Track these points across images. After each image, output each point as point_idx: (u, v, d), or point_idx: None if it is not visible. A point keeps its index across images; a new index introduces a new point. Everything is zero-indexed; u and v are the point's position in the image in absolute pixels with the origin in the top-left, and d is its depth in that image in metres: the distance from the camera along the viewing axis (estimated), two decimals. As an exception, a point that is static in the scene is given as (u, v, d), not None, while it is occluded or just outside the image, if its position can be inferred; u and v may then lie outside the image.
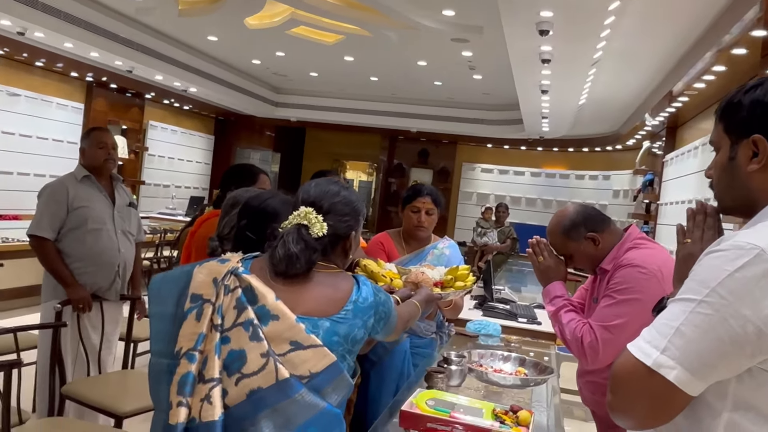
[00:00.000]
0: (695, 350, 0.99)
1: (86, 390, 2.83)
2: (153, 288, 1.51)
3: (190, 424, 1.33)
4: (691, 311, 1.01)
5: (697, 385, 1.00)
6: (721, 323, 0.97)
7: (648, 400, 1.03)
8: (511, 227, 8.77)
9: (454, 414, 1.73)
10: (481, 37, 6.13)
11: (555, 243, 2.25)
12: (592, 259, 2.19)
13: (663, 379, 1.00)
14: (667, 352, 1.01)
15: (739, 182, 1.14)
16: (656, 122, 7.06)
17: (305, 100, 11.34)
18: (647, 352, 1.03)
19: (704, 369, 0.99)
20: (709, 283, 1.00)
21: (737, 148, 1.13)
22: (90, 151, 3.30)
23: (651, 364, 1.01)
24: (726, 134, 1.16)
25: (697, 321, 0.99)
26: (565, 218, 2.21)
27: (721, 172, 1.18)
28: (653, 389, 1.02)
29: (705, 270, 1.02)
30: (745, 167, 1.12)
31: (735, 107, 1.14)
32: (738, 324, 0.96)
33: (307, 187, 1.59)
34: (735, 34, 3.77)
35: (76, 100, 8.34)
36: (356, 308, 1.47)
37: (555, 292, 2.22)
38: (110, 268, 3.25)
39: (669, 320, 1.03)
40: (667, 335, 1.02)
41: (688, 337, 1.00)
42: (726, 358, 0.98)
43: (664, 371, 1.00)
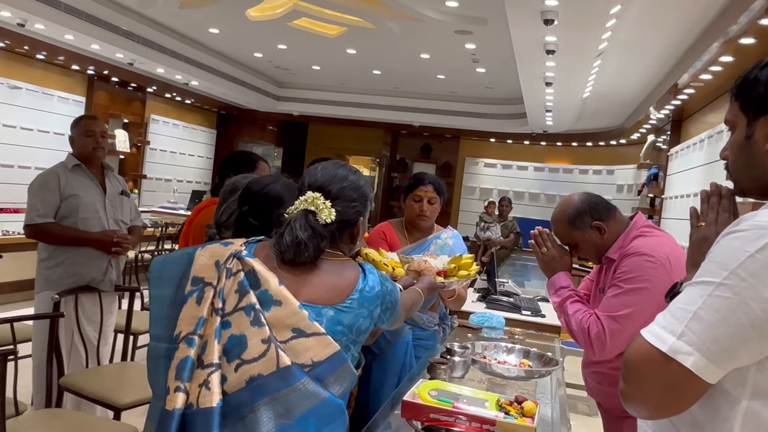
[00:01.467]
0: (714, 335, 0.94)
1: (84, 382, 2.80)
2: (153, 270, 1.47)
3: (188, 410, 1.29)
4: (709, 294, 0.96)
5: (716, 372, 0.96)
6: (741, 307, 0.93)
7: (663, 388, 0.99)
8: (514, 222, 8.72)
9: (458, 404, 1.69)
10: (485, 29, 6.08)
11: (560, 232, 2.20)
12: (598, 249, 2.15)
13: (680, 366, 0.96)
14: (684, 337, 0.96)
15: (756, 162, 1.09)
16: (661, 115, 7.00)
17: (308, 94, 11.29)
18: (663, 338, 0.98)
19: (723, 355, 0.95)
20: (729, 265, 0.95)
21: (755, 126, 1.08)
22: (79, 139, 3.28)
23: (667, 351, 0.97)
24: (742, 112, 1.11)
25: (716, 305, 0.95)
26: (570, 207, 2.16)
27: (737, 151, 1.13)
28: (669, 377, 0.97)
29: (724, 251, 0.98)
30: (763, 146, 1.07)
31: (752, 83, 1.09)
32: (760, 307, 0.92)
33: (314, 170, 1.54)
34: (743, 24, 3.72)
35: (77, 94, 8.32)
36: (362, 297, 1.43)
37: (560, 282, 2.18)
38: (102, 257, 3.22)
39: (686, 304, 0.99)
40: (684, 320, 0.97)
41: (707, 321, 0.95)
42: (747, 343, 0.93)
43: (680, 357, 0.96)
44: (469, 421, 1.64)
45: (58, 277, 3.16)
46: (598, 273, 2.25)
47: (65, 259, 3.16)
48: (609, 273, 2.11)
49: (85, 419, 2.57)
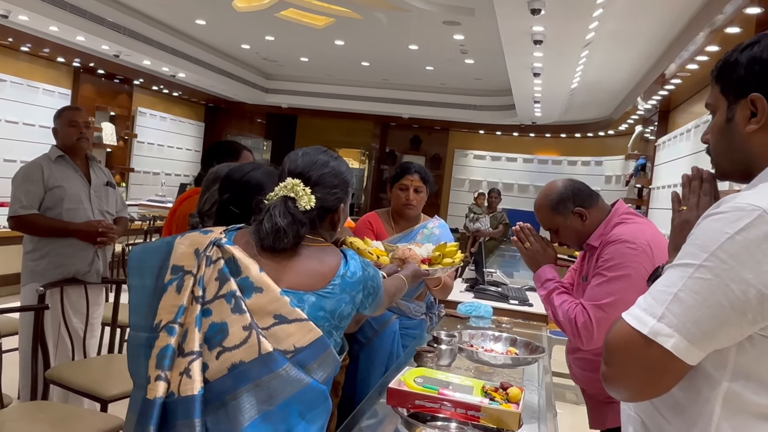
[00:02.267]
0: (694, 317, 0.95)
1: (70, 374, 2.78)
2: (132, 260, 1.46)
3: (169, 398, 1.28)
4: (689, 276, 0.96)
5: (696, 353, 0.96)
6: (721, 288, 0.93)
7: (644, 370, 0.99)
8: (503, 213, 8.75)
9: (443, 391, 1.69)
10: (473, 20, 6.07)
11: (542, 217, 2.21)
12: (579, 235, 2.15)
13: (660, 348, 0.96)
14: (664, 319, 0.96)
15: (737, 144, 1.09)
16: (648, 106, 7.03)
17: (296, 86, 11.25)
18: (643, 321, 0.98)
19: (704, 337, 0.95)
20: (709, 247, 0.95)
21: (735, 109, 1.08)
22: (62, 130, 3.25)
23: (647, 333, 0.97)
24: (723, 95, 1.11)
25: (696, 287, 0.95)
26: (553, 192, 2.17)
27: (718, 134, 1.13)
28: (650, 359, 0.97)
29: (704, 233, 0.98)
30: (743, 128, 1.07)
31: (732, 66, 1.09)
32: (739, 288, 0.92)
33: (294, 156, 1.52)
34: (729, 13, 3.73)
35: (63, 86, 8.23)
36: (344, 283, 1.43)
37: (545, 275, 2.18)
38: (88, 248, 3.19)
39: (666, 287, 0.99)
40: (665, 302, 0.97)
41: (687, 303, 0.95)
42: (727, 324, 0.94)
43: (661, 339, 0.96)
44: (454, 407, 1.64)
45: (44, 269, 3.14)
46: (581, 261, 2.26)
47: (50, 250, 3.13)
48: (591, 261, 2.12)
49: (71, 411, 2.56)
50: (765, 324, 0.94)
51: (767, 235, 0.92)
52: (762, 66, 1.05)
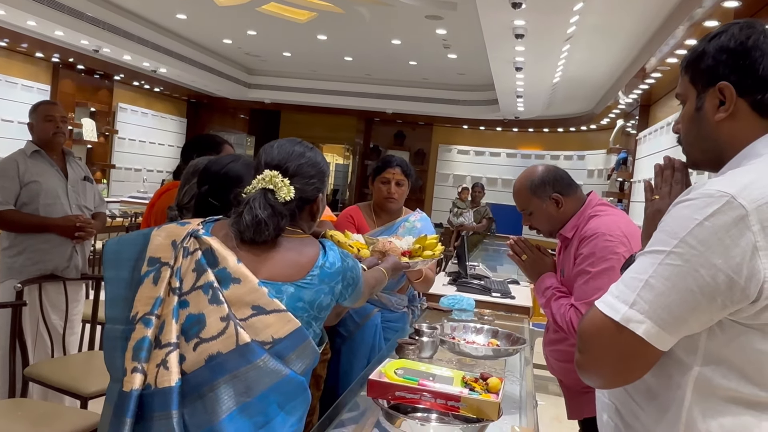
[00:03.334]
0: (665, 303, 0.96)
1: (49, 371, 2.75)
2: (108, 252, 1.44)
3: (146, 390, 1.27)
4: (659, 263, 0.97)
5: (667, 339, 0.98)
6: (691, 274, 0.94)
7: (617, 356, 1.00)
8: (487, 207, 8.78)
9: (423, 382, 1.70)
10: (455, 14, 6.07)
11: (519, 197, 2.22)
12: (551, 221, 2.17)
13: (632, 334, 0.97)
14: (635, 306, 0.98)
15: (707, 133, 1.11)
16: (630, 100, 7.08)
17: (279, 81, 11.19)
18: (615, 308, 1.00)
19: (674, 322, 0.96)
20: (678, 233, 0.96)
21: (704, 98, 1.10)
22: (38, 125, 3.21)
23: (619, 320, 0.98)
24: (692, 84, 1.13)
25: (667, 273, 0.96)
26: (534, 174, 2.18)
27: (688, 124, 1.15)
28: (622, 345, 0.99)
29: (674, 220, 0.99)
30: (712, 117, 1.09)
31: (700, 56, 1.11)
32: (709, 274, 0.93)
33: (270, 149, 1.51)
34: (707, 7, 3.77)
35: (42, 82, 8.13)
36: (322, 273, 1.42)
37: (545, 284, 2.18)
38: (66, 243, 3.16)
39: (637, 273, 1.00)
40: (636, 289, 0.99)
41: (658, 290, 0.96)
42: (697, 310, 0.95)
43: (633, 326, 0.97)
44: (434, 397, 1.65)
45: (21, 265, 3.09)
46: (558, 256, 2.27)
47: (28, 246, 3.09)
48: (567, 253, 2.13)
49: (50, 408, 2.54)
50: (734, 308, 0.95)
51: (735, 220, 0.93)
52: (729, 55, 1.07)
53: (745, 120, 1.07)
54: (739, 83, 1.06)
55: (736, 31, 1.07)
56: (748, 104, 1.06)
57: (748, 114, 1.07)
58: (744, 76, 1.06)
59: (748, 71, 1.05)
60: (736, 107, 1.07)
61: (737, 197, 0.94)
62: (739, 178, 0.98)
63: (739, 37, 1.06)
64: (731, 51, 1.06)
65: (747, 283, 0.92)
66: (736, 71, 1.06)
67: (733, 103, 1.06)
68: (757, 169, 1.00)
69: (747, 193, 0.94)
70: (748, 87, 1.06)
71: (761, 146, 1.04)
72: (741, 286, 0.93)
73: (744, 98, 1.06)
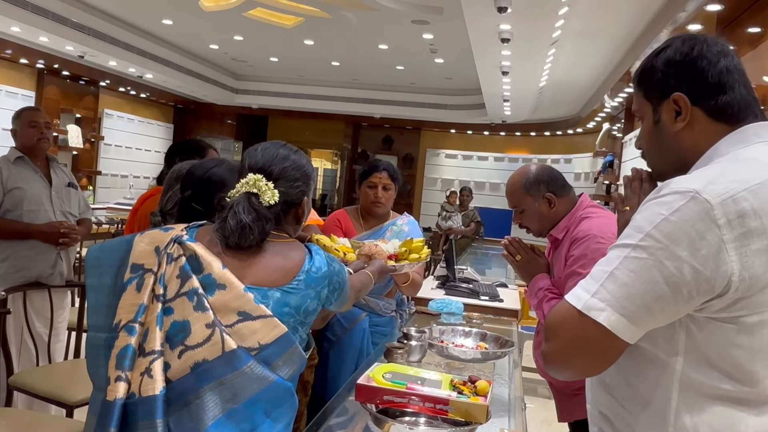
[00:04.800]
0: (627, 293, 0.98)
1: (34, 380, 2.72)
2: (90, 258, 1.43)
3: (130, 399, 1.26)
4: (625, 256, 1.00)
5: (631, 329, 0.99)
6: (656, 266, 0.96)
7: (581, 345, 1.02)
8: (475, 211, 8.80)
9: (411, 386, 1.69)
10: (442, 19, 6.09)
11: (513, 194, 2.22)
12: (542, 220, 2.18)
13: (593, 322, 0.99)
14: (597, 295, 1.00)
15: (668, 144, 1.14)
16: (615, 104, 7.13)
17: (266, 86, 11.17)
18: (579, 297, 1.02)
19: (637, 311, 0.98)
20: (644, 228, 0.99)
21: (660, 111, 1.13)
22: (22, 131, 3.18)
23: (581, 308, 1.00)
24: (647, 100, 1.16)
25: (632, 265, 0.98)
26: (529, 173, 2.19)
27: (649, 138, 1.18)
28: (585, 334, 1.00)
29: (642, 216, 1.02)
30: (671, 128, 1.12)
31: (650, 71, 1.15)
32: (674, 266, 0.95)
33: (254, 152, 1.50)
34: (690, 11, 3.80)
35: (26, 88, 8.05)
36: (309, 278, 1.41)
37: (538, 284, 2.17)
38: (50, 249, 3.13)
39: (604, 266, 1.03)
40: (600, 279, 1.01)
41: (621, 280, 0.99)
42: (661, 300, 0.97)
43: (593, 314, 0.99)
44: (423, 401, 1.64)
45: (5, 273, 3.06)
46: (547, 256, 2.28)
47: (11, 253, 3.06)
48: (558, 254, 2.14)
49: (35, 417, 2.51)
50: (700, 301, 0.97)
51: (700, 214, 0.95)
52: (676, 67, 1.10)
53: (702, 126, 1.10)
54: (692, 92, 1.09)
55: (679, 44, 1.11)
56: (703, 111, 1.09)
57: (705, 120, 1.09)
58: (695, 85, 1.09)
59: (698, 80, 1.09)
60: (693, 115, 1.10)
61: (701, 192, 0.96)
62: (704, 175, 1.01)
63: (683, 49, 1.10)
64: (678, 63, 1.10)
65: (713, 275, 0.94)
66: (686, 81, 1.09)
67: (689, 112, 1.09)
68: (722, 165, 1.03)
69: (712, 188, 0.96)
70: (701, 94, 1.09)
71: (724, 146, 1.07)
72: (706, 278, 0.94)
73: (699, 106, 1.09)
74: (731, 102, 1.08)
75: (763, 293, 0.96)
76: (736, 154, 1.05)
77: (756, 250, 0.95)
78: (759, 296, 0.96)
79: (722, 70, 1.08)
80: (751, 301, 0.96)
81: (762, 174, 0.99)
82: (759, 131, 1.08)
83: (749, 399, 1.00)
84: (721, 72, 1.08)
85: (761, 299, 0.96)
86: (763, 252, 0.95)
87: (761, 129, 1.08)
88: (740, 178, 0.98)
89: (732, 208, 0.95)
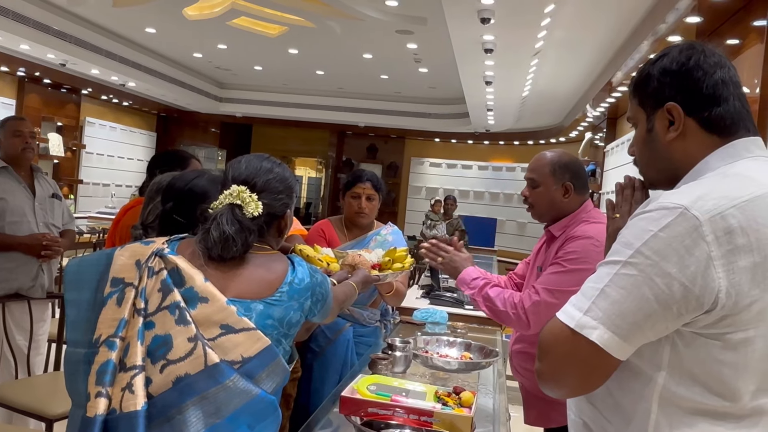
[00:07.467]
0: (619, 311, 0.98)
1: (13, 393, 2.67)
2: (69, 273, 1.41)
3: (110, 415, 1.24)
4: (615, 273, 1.00)
5: (623, 346, 0.99)
6: (646, 282, 0.97)
7: (574, 364, 1.02)
8: (459, 219, 8.83)
9: (396, 397, 1.69)
10: (426, 29, 6.12)
11: (537, 168, 2.21)
12: (549, 206, 2.18)
13: (586, 341, 0.99)
14: (590, 313, 1.00)
15: (660, 153, 1.14)
16: (597, 113, 7.20)
17: (251, 95, 11.14)
18: (571, 315, 1.02)
19: (629, 329, 0.98)
20: (634, 244, 0.99)
21: (653, 120, 1.13)
22: (6, 141, 3.15)
23: (574, 326, 1.00)
24: (641, 107, 1.17)
25: (622, 282, 0.99)
26: (563, 156, 2.20)
27: (641, 146, 1.18)
28: (578, 352, 1.00)
29: (630, 232, 1.02)
30: (663, 137, 1.12)
31: (645, 79, 1.15)
32: (664, 282, 0.96)
33: (237, 164, 1.50)
34: (670, 23, 3.85)
35: (6, 96, 7.96)
36: (291, 290, 1.41)
37: (471, 275, 2.20)
38: (32, 262, 3.09)
39: (594, 283, 1.03)
40: (592, 297, 1.01)
41: (613, 297, 0.99)
42: (652, 317, 0.97)
43: (586, 332, 0.99)
44: (407, 413, 1.64)
45: (-15, 285, 3.02)
46: (536, 253, 2.29)
47: (-10, 266, 3.01)
48: (550, 251, 2.15)
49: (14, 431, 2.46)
50: (689, 317, 0.97)
51: (689, 231, 0.95)
52: (672, 76, 1.10)
53: (695, 137, 1.10)
54: (686, 102, 1.09)
55: (676, 53, 1.11)
56: (696, 122, 1.09)
57: (698, 131, 1.10)
58: (689, 96, 1.09)
59: (693, 90, 1.09)
60: (686, 126, 1.10)
61: (690, 209, 0.96)
62: (692, 191, 1.01)
63: (680, 59, 1.10)
64: (674, 73, 1.10)
65: (701, 292, 0.95)
66: (681, 91, 1.10)
67: (682, 123, 1.10)
68: (710, 182, 1.03)
69: (700, 204, 0.97)
70: (695, 106, 1.09)
71: (714, 160, 1.08)
72: (695, 295, 0.95)
73: (692, 117, 1.09)
74: (725, 114, 1.08)
75: (748, 310, 0.96)
76: (725, 170, 1.05)
77: (743, 267, 0.95)
78: (745, 314, 0.96)
79: (717, 81, 1.08)
80: (738, 318, 0.96)
81: (750, 190, 0.99)
82: (749, 146, 1.08)
83: (730, 413, 1.00)
84: (716, 84, 1.08)
85: (747, 317, 0.96)
86: (750, 269, 0.95)
87: (751, 144, 1.08)
88: (729, 195, 0.98)
89: (720, 224, 0.95)
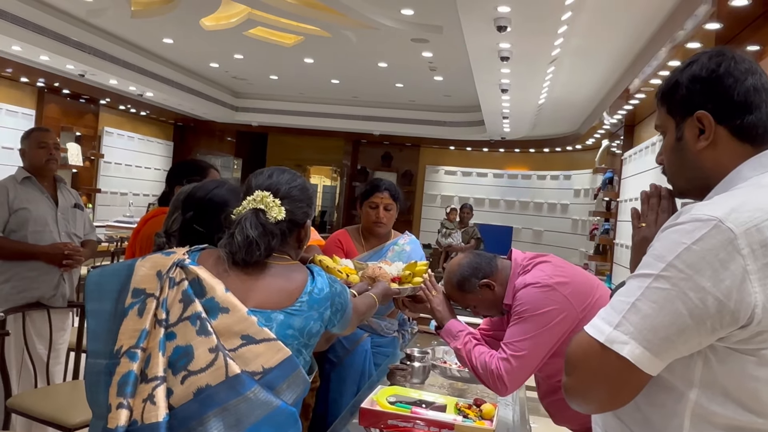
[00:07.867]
0: (651, 325, 0.95)
1: (33, 402, 2.69)
2: (90, 283, 1.42)
3: (132, 427, 1.24)
4: (647, 286, 0.97)
5: (654, 362, 0.96)
6: (680, 297, 0.94)
7: (603, 379, 0.99)
8: (475, 228, 8.79)
9: (416, 410, 1.68)
10: (441, 37, 6.12)
11: (454, 298, 2.16)
12: (495, 303, 2.08)
13: (616, 356, 0.96)
14: (620, 327, 0.97)
15: (690, 162, 1.11)
16: (614, 120, 7.15)
17: (266, 104, 11.21)
18: (601, 329, 0.99)
19: (661, 344, 0.95)
20: (666, 257, 0.96)
21: (683, 128, 1.10)
22: (30, 151, 3.19)
23: (603, 341, 0.98)
24: (670, 115, 1.14)
25: (654, 296, 0.96)
26: (454, 275, 2.10)
27: (671, 154, 1.15)
28: (607, 367, 0.97)
29: (662, 244, 0.99)
30: (693, 146, 1.09)
31: (674, 87, 1.12)
32: (698, 297, 0.93)
33: (259, 174, 1.54)
34: (689, 29, 3.82)
35: (26, 107, 8.08)
36: (311, 300, 1.41)
37: (456, 328, 2.10)
38: (53, 271, 3.11)
39: (625, 296, 0.99)
40: (622, 311, 0.98)
41: (644, 312, 0.96)
42: (685, 333, 0.94)
43: (616, 347, 0.96)
44: (428, 425, 1.63)
45: (7, 294, 3.05)
46: None
47: (14, 274, 3.05)
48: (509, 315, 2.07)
49: (33, 441, 2.47)
50: (724, 333, 0.94)
51: (723, 244, 0.93)
52: (702, 84, 1.07)
53: (726, 146, 1.07)
54: (716, 111, 1.06)
55: (706, 60, 1.08)
56: (728, 131, 1.06)
57: (729, 140, 1.07)
58: (720, 104, 1.06)
59: (723, 98, 1.06)
60: (717, 135, 1.07)
61: (725, 221, 0.94)
62: (726, 202, 0.98)
63: (710, 66, 1.07)
64: (704, 80, 1.07)
65: (737, 307, 0.92)
66: (711, 99, 1.07)
67: (713, 131, 1.07)
68: (744, 192, 1.00)
69: (735, 216, 0.94)
70: (726, 114, 1.06)
71: (747, 170, 1.05)
72: (731, 309, 0.92)
73: (723, 125, 1.06)
74: (757, 123, 1.05)
75: None
76: (758, 180, 1.02)
77: None
78: None
79: (749, 88, 1.05)
80: None
81: None
82: None
83: (763, 430, 0.97)
84: (747, 91, 1.05)
85: None
86: None
87: None
88: (764, 206, 0.95)
89: (756, 237, 0.93)
